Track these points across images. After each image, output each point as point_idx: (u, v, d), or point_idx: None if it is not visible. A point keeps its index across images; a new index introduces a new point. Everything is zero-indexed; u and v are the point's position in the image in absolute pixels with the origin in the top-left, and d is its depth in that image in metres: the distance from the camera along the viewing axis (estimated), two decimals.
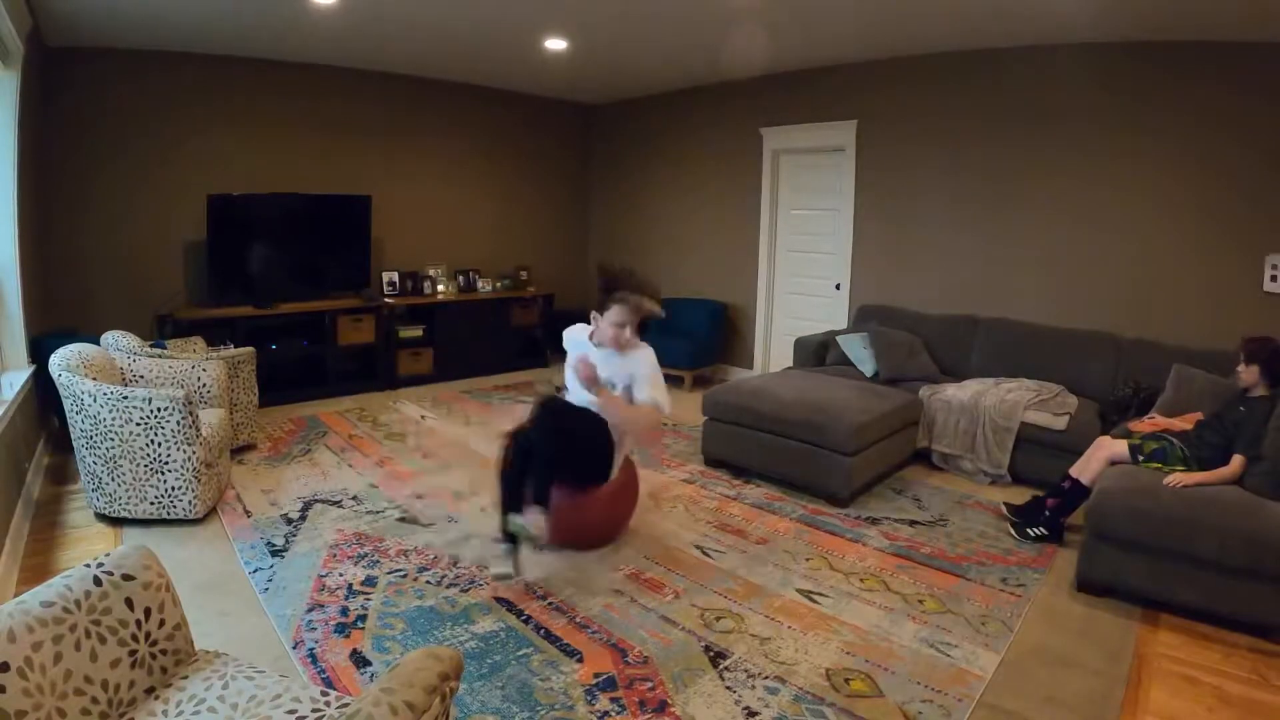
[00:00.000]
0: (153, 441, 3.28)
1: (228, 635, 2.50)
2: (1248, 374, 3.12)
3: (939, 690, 2.31)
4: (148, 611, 1.54)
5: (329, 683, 2.27)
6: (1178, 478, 2.91)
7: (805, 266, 6.38)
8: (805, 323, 6.23)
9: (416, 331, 6.47)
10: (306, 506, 3.69)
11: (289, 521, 3.50)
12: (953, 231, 5.33)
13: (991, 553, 3.33)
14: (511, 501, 2.91)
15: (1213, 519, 2.67)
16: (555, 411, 3.07)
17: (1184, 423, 3.37)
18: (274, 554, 3.15)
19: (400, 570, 3.03)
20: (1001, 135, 5.02)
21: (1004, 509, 3.71)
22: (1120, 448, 3.22)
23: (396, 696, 1.21)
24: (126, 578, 1.53)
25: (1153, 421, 3.47)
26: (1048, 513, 3.46)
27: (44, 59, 4.74)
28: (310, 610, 2.70)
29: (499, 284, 7.25)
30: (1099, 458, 3.29)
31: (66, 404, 3.28)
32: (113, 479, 3.32)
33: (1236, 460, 2.89)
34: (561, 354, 3.48)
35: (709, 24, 4.69)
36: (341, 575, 2.97)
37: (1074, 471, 3.40)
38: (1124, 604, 2.86)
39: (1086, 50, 4.55)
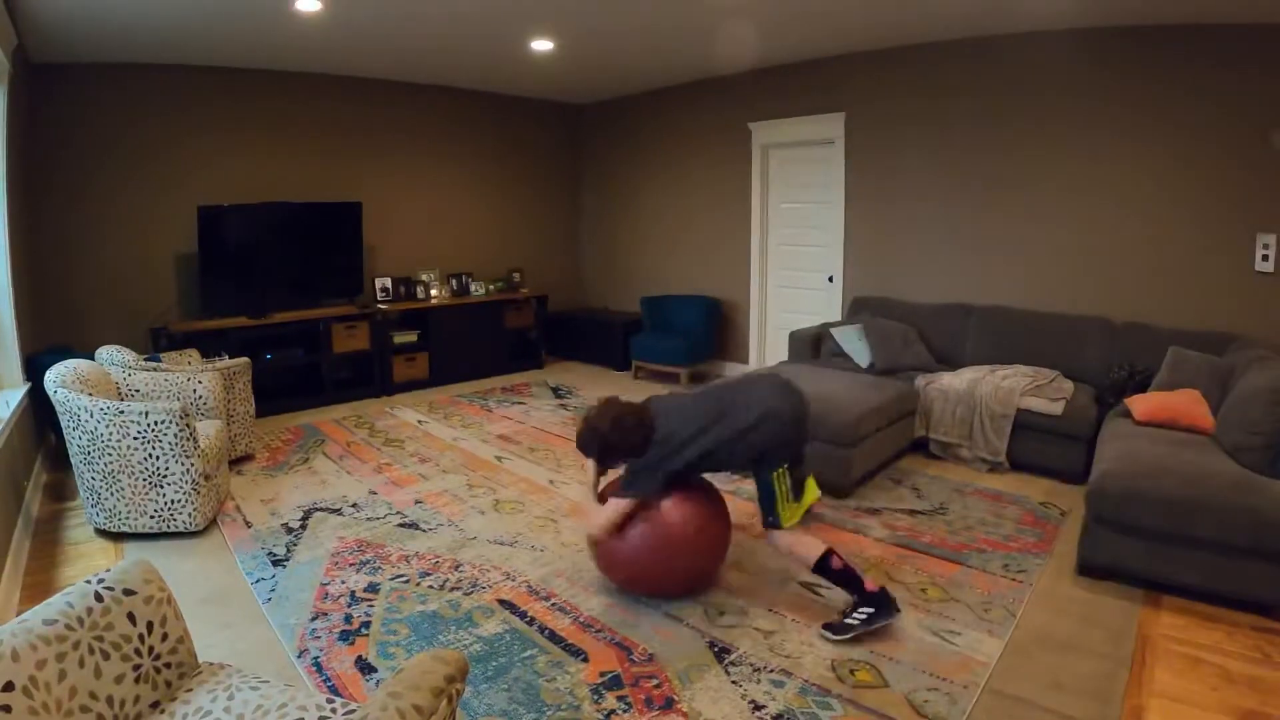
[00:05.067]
0: (150, 455, 3.27)
1: (232, 647, 2.50)
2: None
3: (944, 678, 2.32)
4: (150, 626, 1.54)
5: (335, 690, 2.27)
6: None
7: (797, 260, 6.39)
8: (799, 316, 6.24)
9: (411, 337, 6.47)
10: (306, 515, 3.68)
11: (289, 531, 3.50)
12: (943, 220, 5.34)
13: (992, 539, 3.34)
14: None
15: (1213, 499, 2.67)
16: None
17: (1189, 400, 3.37)
18: (275, 564, 3.15)
19: (402, 576, 3.03)
20: (989, 123, 5.02)
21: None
22: None
23: (404, 700, 1.22)
24: (128, 592, 1.52)
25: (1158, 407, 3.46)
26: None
27: (30, 75, 4.72)
28: (314, 619, 2.70)
29: (492, 287, 7.24)
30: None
31: (63, 420, 3.27)
32: (111, 494, 3.31)
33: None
34: None
35: (695, 21, 4.69)
36: (344, 583, 2.97)
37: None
38: (1126, 587, 2.87)
39: (1074, 36, 4.56)
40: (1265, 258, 4.05)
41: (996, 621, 2.66)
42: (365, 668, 2.40)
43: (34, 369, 4.05)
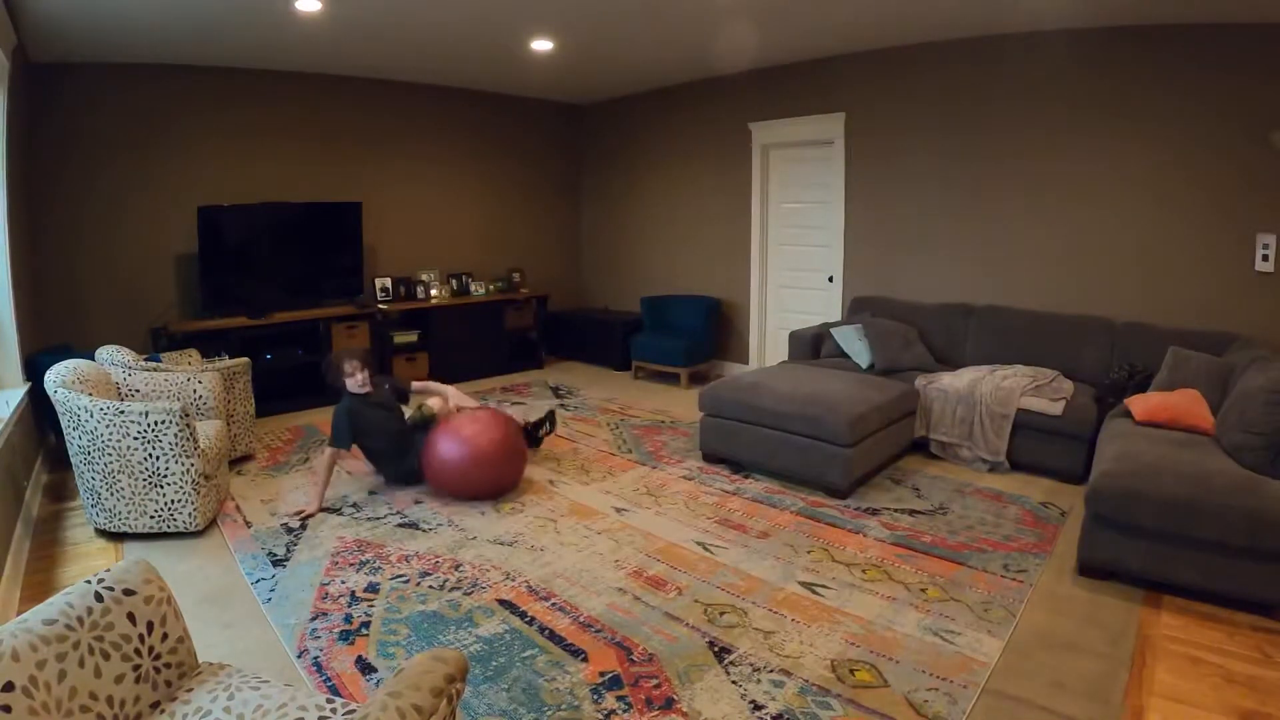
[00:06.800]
0: (150, 455, 3.27)
1: (232, 647, 2.50)
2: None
3: (944, 678, 2.32)
4: (150, 626, 1.54)
5: (335, 690, 2.27)
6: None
7: (798, 260, 6.39)
8: (799, 316, 6.24)
9: (411, 337, 6.47)
10: (306, 515, 3.68)
11: (289, 531, 3.50)
12: (943, 220, 5.34)
13: (992, 539, 3.35)
14: None
15: (1213, 499, 2.67)
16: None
17: (1189, 400, 3.37)
18: (275, 564, 3.15)
19: (402, 576, 3.03)
20: (989, 123, 5.03)
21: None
22: None
23: (404, 700, 1.22)
24: (128, 592, 1.52)
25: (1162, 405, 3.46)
26: None
27: (29, 75, 4.72)
28: (314, 619, 2.70)
29: (492, 286, 7.24)
30: None
31: (63, 420, 3.27)
32: (111, 494, 3.31)
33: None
34: None
35: (695, 21, 4.69)
36: (344, 583, 2.97)
37: None
38: (1126, 587, 2.88)
39: (1072, 35, 4.56)
40: (1265, 258, 4.05)
41: (996, 621, 2.66)
42: (365, 668, 2.40)
43: (34, 369, 4.05)
